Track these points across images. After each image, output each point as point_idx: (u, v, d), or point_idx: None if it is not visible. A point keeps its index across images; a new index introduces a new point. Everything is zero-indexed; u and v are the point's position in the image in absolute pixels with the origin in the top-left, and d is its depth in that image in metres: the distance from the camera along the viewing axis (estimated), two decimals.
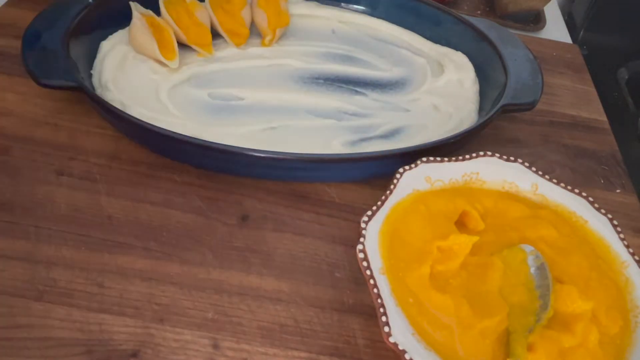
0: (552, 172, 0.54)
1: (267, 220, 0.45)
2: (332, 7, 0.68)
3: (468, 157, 0.43)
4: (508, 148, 0.56)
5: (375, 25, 0.68)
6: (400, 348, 0.31)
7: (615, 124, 0.62)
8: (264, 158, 0.44)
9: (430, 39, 0.66)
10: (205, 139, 0.44)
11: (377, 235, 0.36)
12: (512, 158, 0.43)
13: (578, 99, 0.65)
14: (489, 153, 0.43)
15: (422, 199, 0.40)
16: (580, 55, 0.73)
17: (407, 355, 0.31)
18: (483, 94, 0.59)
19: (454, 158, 0.42)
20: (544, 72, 0.57)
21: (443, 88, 0.60)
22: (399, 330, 0.32)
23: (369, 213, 0.37)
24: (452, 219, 0.39)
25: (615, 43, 0.91)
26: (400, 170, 0.40)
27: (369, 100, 0.57)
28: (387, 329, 0.32)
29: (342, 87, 0.59)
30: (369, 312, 0.40)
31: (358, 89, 0.59)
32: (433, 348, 0.32)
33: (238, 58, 0.60)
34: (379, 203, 0.38)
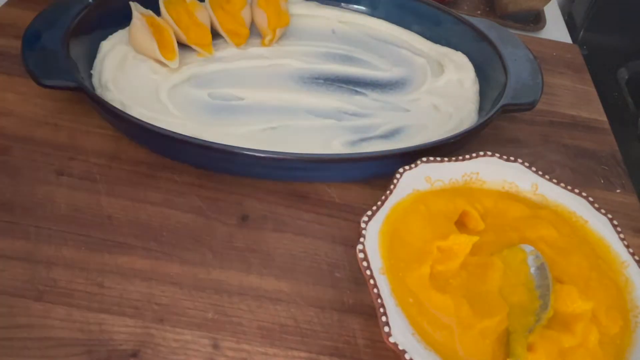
0: (552, 172, 0.54)
1: (267, 220, 0.45)
2: (332, 7, 0.68)
3: (468, 157, 0.43)
4: (508, 148, 0.56)
5: (375, 25, 0.68)
6: (400, 348, 0.31)
7: (615, 124, 0.62)
8: (264, 158, 0.44)
9: (430, 39, 0.66)
10: (205, 139, 0.44)
11: (377, 235, 0.36)
12: (512, 158, 0.43)
13: (578, 99, 0.65)
14: (489, 153, 0.43)
15: (422, 199, 0.40)
16: (580, 55, 0.73)
17: (407, 355, 0.31)
18: (483, 94, 0.59)
19: (454, 158, 0.42)
20: (544, 72, 0.57)
21: (443, 88, 0.60)
22: (399, 330, 0.32)
23: (369, 213, 0.37)
24: (452, 219, 0.39)
25: (615, 43, 0.91)
26: (400, 170, 0.40)
27: (369, 100, 0.57)
28: (387, 329, 0.32)
29: (342, 87, 0.59)
30: (369, 312, 0.40)
31: (358, 89, 0.59)
32: (433, 348, 0.32)
33: (238, 58, 0.60)
34: (379, 203, 0.38)
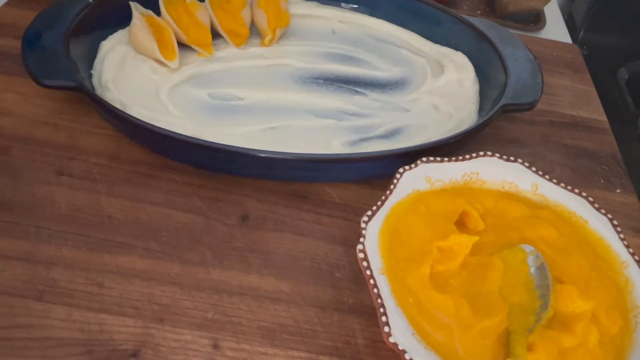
0: (552, 172, 0.54)
1: (267, 220, 0.45)
2: (332, 7, 0.68)
3: (468, 157, 0.43)
4: (508, 148, 0.56)
5: (375, 25, 0.68)
6: (400, 348, 0.31)
7: (615, 124, 0.62)
8: (264, 158, 0.44)
9: (430, 39, 0.66)
10: (205, 139, 0.44)
11: (377, 235, 0.36)
12: (512, 158, 0.43)
13: (578, 99, 0.65)
14: (489, 153, 0.43)
15: (422, 199, 0.40)
16: (580, 55, 0.73)
17: (407, 355, 0.31)
18: (483, 94, 0.59)
19: (454, 158, 0.42)
20: (544, 72, 0.57)
21: (443, 88, 0.60)
22: (399, 330, 0.32)
23: (369, 213, 0.37)
24: (452, 219, 0.39)
25: (615, 43, 0.91)
26: (400, 170, 0.40)
27: (369, 100, 0.57)
28: (387, 329, 0.32)
29: (342, 87, 0.59)
30: (369, 312, 0.40)
31: (358, 89, 0.59)
32: (433, 348, 0.32)
33: (238, 58, 0.60)
34: (379, 203, 0.38)
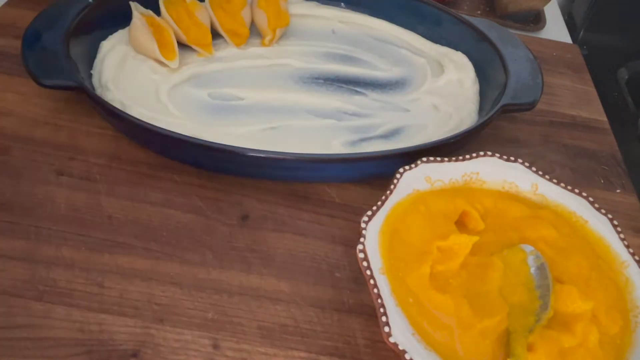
0: (552, 172, 0.54)
1: (267, 220, 0.45)
2: (332, 7, 0.68)
3: (468, 157, 0.43)
4: (508, 148, 0.56)
5: (375, 25, 0.68)
6: (400, 348, 0.31)
7: (615, 124, 0.62)
8: (264, 158, 0.44)
9: (430, 39, 0.66)
10: (205, 139, 0.44)
11: (377, 235, 0.36)
12: (512, 158, 0.43)
13: (578, 99, 0.65)
14: (489, 153, 0.43)
15: (422, 199, 0.40)
16: (580, 55, 0.73)
17: (407, 355, 0.31)
18: (483, 94, 0.59)
19: (454, 158, 0.42)
20: (544, 72, 0.57)
21: (443, 88, 0.60)
22: (399, 330, 0.32)
23: (369, 213, 0.37)
24: (452, 219, 0.39)
25: (615, 43, 0.91)
26: (400, 170, 0.40)
27: (369, 100, 0.57)
28: (387, 329, 0.32)
29: (342, 87, 0.59)
30: (369, 312, 0.40)
31: (358, 89, 0.59)
32: (433, 348, 0.32)
33: (238, 58, 0.60)
34: (379, 203, 0.38)
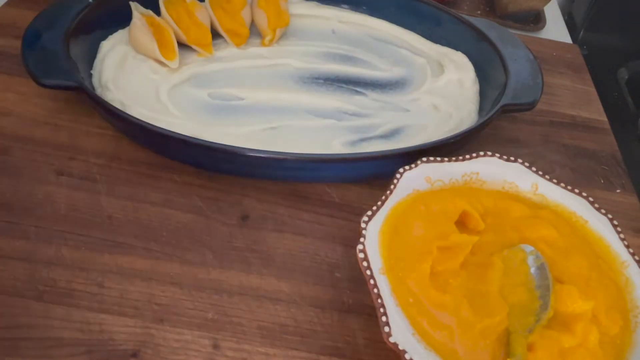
0: (552, 172, 0.54)
1: (267, 220, 0.45)
2: (332, 7, 0.68)
3: (468, 157, 0.43)
4: (508, 148, 0.56)
5: (375, 25, 0.68)
6: (400, 348, 0.31)
7: (615, 124, 0.62)
8: (264, 158, 0.44)
9: (430, 39, 0.66)
10: (205, 139, 0.44)
11: (377, 235, 0.36)
12: (512, 158, 0.43)
13: (578, 99, 0.65)
14: (489, 153, 0.43)
15: (422, 199, 0.40)
16: (580, 55, 0.73)
17: (407, 355, 0.31)
18: (483, 94, 0.59)
19: (454, 158, 0.42)
20: (544, 72, 0.57)
21: (443, 88, 0.60)
22: (399, 330, 0.32)
23: (369, 213, 0.37)
24: (452, 219, 0.39)
25: (615, 43, 0.91)
26: (400, 170, 0.40)
27: (369, 100, 0.57)
28: (387, 329, 0.32)
29: (342, 87, 0.59)
30: (369, 312, 0.40)
31: (358, 89, 0.59)
32: (433, 348, 0.32)
33: (238, 58, 0.60)
34: (379, 203, 0.38)
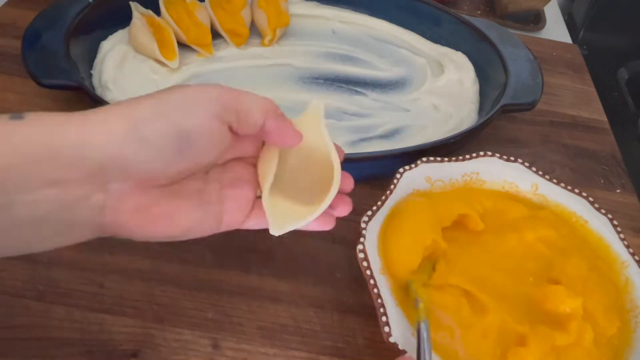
0: (552, 172, 0.54)
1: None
2: (332, 7, 0.68)
3: (468, 157, 0.43)
4: (508, 148, 0.56)
5: (375, 25, 0.68)
6: (400, 348, 0.31)
7: (615, 124, 0.62)
8: None
9: (430, 39, 0.66)
10: None
11: (377, 235, 0.36)
12: (512, 158, 0.43)
13: (578, 99, 0.65)
14: (489, 153, 0.43)
15: (421, 199, 0.40)
16: (580, 55, 0.73)
17: (407, 355, 0.31)
18: (483, 94, 0.59)
19: (454, 158, 0.42)
20: (544, 72, 0.57)
21: (443, 88, 0.60)
22: (399, 330, 0.32)
23: (369, 213, 0.37)
24: (451, 219, 0.39)
25: (615, 43, 0.91)
26: (400, 170, 0.40)
27: (369, 100, 0.57)
28: (387, 329, 0.32)
29: (342, 87, 0.59)
30: (369, 312, 0.40)
31: (358, 89, 0.59)
32: (433, 348, 0.32)
33: (238, 58, 0.60)
34: (379, 203, 0.38)
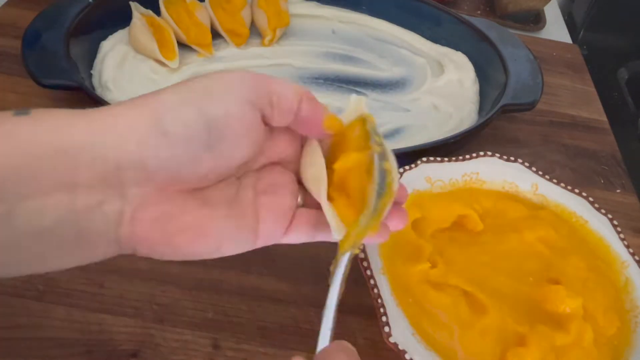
0: (552, 172, 0.54)
1: None
2: (332, 7, 0.68)
3: (468, 157, 0.43)
4: (508, 148, 0.56)
5: (375, 25, 0.68)
6: (400, 348, 0.31)
7: (615, 124, 0.62)
8: None
9: (430, 39, 0.66)
10: None
11: None
12: (512, 158, 0.43)
13: (578, 99, 0.65)
14: (489, 153, 0.43)
15: (421, 199, 0.40)
16: (580, 55, 0.73)
17: (407, 355, 0.31)
18: (483, 94, 0.59)
19: (454, 158, 0.42)
20: (544, 72, 0.57)
21: (443, 88, 0.60)
22: (399, 330, 0.32)
23: None
24: (451, 219, 0.39)
25: (615, 43, 0.91)
26: (400, 170, 0.40)
27: (369, 100, 0.57)
28: (387, 329, 0.32)
29: (342, 87, 0.59)
30: (369, 312, 0.40)
31: (358, 89, 0.59)
32: (433, 348, 0.32)
33: (238, 58, 0.60)
34: None
